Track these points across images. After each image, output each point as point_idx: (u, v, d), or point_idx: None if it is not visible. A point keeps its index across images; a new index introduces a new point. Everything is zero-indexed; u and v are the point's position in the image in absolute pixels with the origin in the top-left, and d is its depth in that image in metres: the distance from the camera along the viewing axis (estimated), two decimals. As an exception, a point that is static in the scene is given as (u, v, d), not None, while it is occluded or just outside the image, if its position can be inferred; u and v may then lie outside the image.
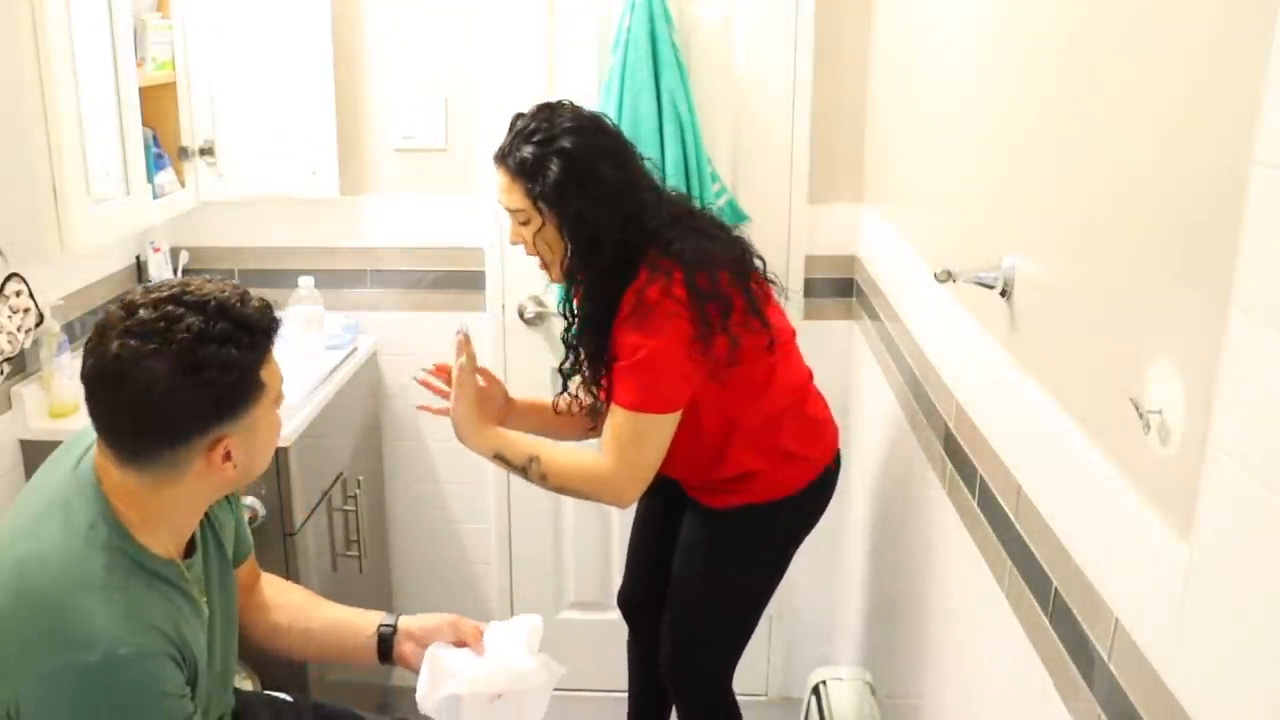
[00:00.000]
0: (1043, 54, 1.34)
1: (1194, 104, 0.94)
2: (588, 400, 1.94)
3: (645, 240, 1.74)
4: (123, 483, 1.28)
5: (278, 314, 1.34)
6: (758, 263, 1.88)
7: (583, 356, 1.86)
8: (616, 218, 1.72)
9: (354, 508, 2.48)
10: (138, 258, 2.55)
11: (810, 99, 2.50)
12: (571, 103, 1.81)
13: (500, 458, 1.84)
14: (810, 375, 1.99)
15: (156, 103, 2.36)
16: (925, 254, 1.92)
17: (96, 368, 1.23)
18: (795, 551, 2.06)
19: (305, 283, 2.55)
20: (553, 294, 2.38)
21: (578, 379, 1.91)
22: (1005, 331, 1.44)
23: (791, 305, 2.62)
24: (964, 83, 1.68)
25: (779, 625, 2.88)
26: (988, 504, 1.47)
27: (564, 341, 1.91)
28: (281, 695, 1.78)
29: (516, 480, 2.78)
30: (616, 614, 2.65)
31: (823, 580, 2.82)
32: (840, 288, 2.63)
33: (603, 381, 1.83)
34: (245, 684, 1.99)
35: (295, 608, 1.65)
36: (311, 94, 2.50)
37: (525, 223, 1.76)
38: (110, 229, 2.20)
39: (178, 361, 1.20)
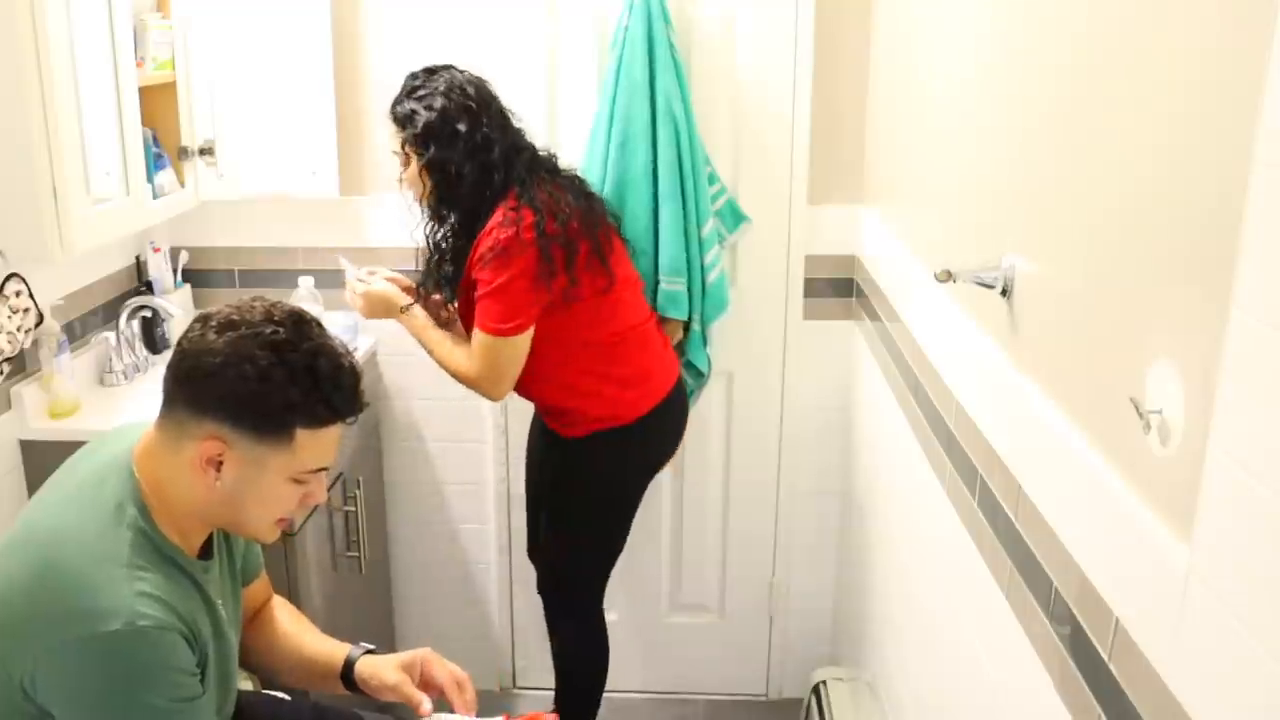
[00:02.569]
0: (1043, 54, 1.34)
1: (1194, 103, 0.94)
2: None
3: (501, 188, 2.03)
4: (149, 444, 1.33)
5: (364, 406, 1.37)
6: (610, 218, 2.18)
7: (440, 280, 2.15)
8: (471, 166, 2.02)
9: (354, 508, 2.48)
10: (137, 258, 2.55)
11: (810, 99, 2.50)
12: (453, 68, 2.10)
13: (401, 324, 2.18)
14: (649, 318, 2.24)
15: (156, 103, 2.36)
16: (925, 254, 1.92)
17: (202, 314, 1.32)
18: (643, 481, 2.31)
19: (305, 283, 2.55)
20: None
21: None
22: (1005, 331, 1.44)
23: (792, 305, 2.64)
24: (964, 82, 1.68)
25: (779, 625, 2.88)
26: (988, 504, 1.47)
27: (428, 271, 2.16)
28: (281, 694, 1.78)
29: (516, 480, 2.79)
30: (615, 614, 2.66)
31: (823, 580, 2.82)
32: (840, 288, 2.63)
33: (457, 301, 2.15)
34: (245, 684, 1.99)
35: (292, 634, 1.66)
36: (311, 94, 2.50)
37: (403, 165, 2.10)
38: (110, 229, 2.19)
39: (237, 343, 1.26)
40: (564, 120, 2.56)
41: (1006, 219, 1.47)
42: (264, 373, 1.25)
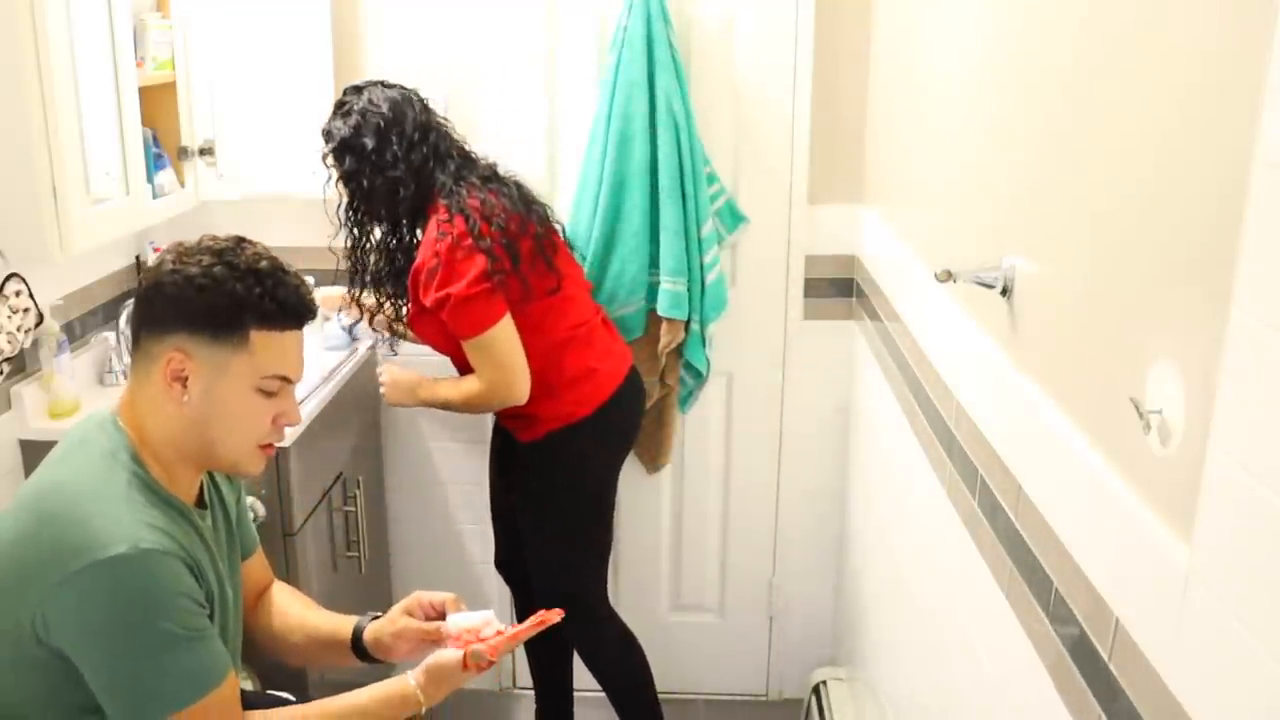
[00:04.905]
0: (1043, 53, 1.34)
1: (1195, 103, 0.94)
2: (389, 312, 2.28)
3: (416, 201, 2.09)
4: (128, 390, 1.37)
5: (313, 310, 1.42)
6: (553, 221, 2.22)
7: (384, 287, 2.21)
8: (380, 181, 2.08)
9: (354, 508, 2.48)
10: (137, 257, 2.55)
11: (810, 99, 2.50)
12: (381, 84, 2.15)
13: (423, 404, 2.27)
14: (594, 314, 2.25)
15: (156, 103, 2.35)
16: (925, 254, 1.92)
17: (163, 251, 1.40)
18: (610, 475, 2.32)
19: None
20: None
21: (372, 298, 2.27)
22: (1005, 331, 1.44)
23: (792, 305, 2.64)
24: (964, 82, 1.68)
25: (779, 625, 2.88)
26: (988, 504, 1.47)
27: (357, 279, 2.23)
28: (284, 695, 1.78)
29: (516, 480, 2.79)
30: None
31: (823, 580, 2.82)
32: (840, 288, 2.63)
33: (405, 306, 2.20)
34: (246, 684, 1.99)
35: (294, 613, 1.66)
36: (311, 94, 2.49)
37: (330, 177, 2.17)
38: (110, 229, 2.19)
39: (182, 257, 1.34)
40: (564, 120, 2.56)
41: (1006, 219, 1.47)
42: (208, 272, 1.32)
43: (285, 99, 2.49)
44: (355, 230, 2.16)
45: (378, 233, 2.17)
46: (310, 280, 2.52)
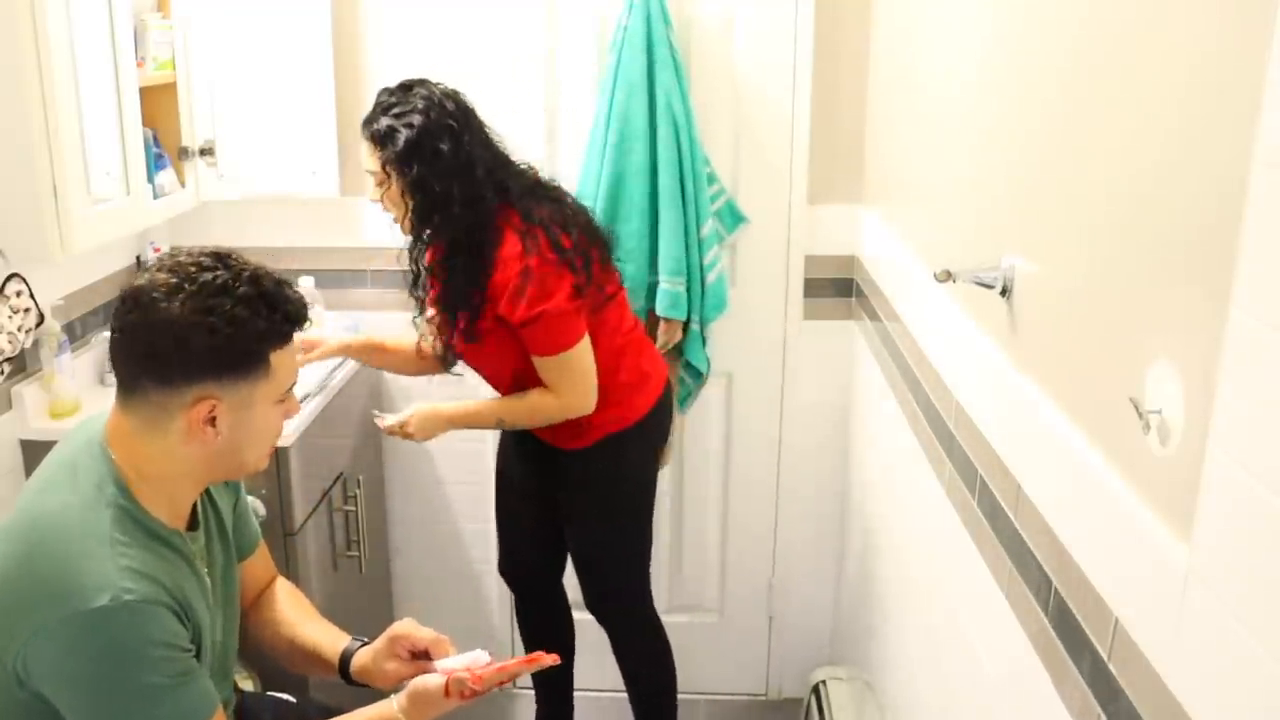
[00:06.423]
0: (1043, 53, 1.34)
1: (1194, 103, 0.94)
2: (439, 343, 2.11)
3: (492, 207, 1.95)
4: (122, 430, 1.32)
5: (311, 315, 1.40)
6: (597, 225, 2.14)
7: (447, 305, 2.03)
8: (457, 186, 1.93)
9: (354, 508, 2.48)
10: (138, 258, 2.56)
11: (810, 99, 2.50)
12: (429, 82, 2.00)
13: (458, 427, 2.14)
14: (638, 321, 2.23)
15: (156, 103, 2.35)
16: (925, 254, 1.92)
17: (127, 290, 1.31)
18: (655, 475, 2.29)
19: (305, 283, 2.55)
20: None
21: (424, 317, 2.14)
22: (1005, 331, 1.44)
23: (792, 305, 2.64)
24: (964, 82, 1.68)
25: (779, 625, 2.88)
26: (987, 504, 1.48)
27: (415, 295, 2.11)
28: (284, 696, 1.78)
29: (516, 480, 2.80)
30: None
31: (823, 580, 2.82)
32: (840, 288, 2.63)
33: (460, 326, 2.02)
34: (246, 684, 1.99)
35: (289, 622, 1.64)
36: (311, 94, 2.50)
37: (380, 184, 1.98)
38: (110, 229, 2.19)
39: (191, 302, 1.26)
40: (564, 120, 2.56)
41: (1006, 219, 1.47)
42: (230, 318, 1.28)
43: (285, 99, 2.49)
44: (422, 242, 2.01)
45: (439, 243, 1.99)
46: (309, 280, 2.56)
